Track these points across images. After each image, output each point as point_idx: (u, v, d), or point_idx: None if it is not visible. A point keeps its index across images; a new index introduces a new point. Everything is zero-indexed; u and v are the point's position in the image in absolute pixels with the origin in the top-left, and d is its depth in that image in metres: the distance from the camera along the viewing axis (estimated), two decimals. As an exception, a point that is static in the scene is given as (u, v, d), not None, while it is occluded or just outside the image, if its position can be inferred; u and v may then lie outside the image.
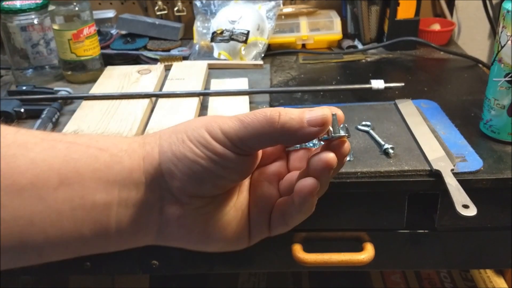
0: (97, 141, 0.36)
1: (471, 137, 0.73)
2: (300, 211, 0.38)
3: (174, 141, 0.36)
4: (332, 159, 0.36)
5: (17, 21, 0.93)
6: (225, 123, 0.36)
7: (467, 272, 1.12)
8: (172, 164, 0.35)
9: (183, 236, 0.38)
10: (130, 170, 0.35)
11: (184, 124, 0.37)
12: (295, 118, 0.35)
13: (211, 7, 1.11)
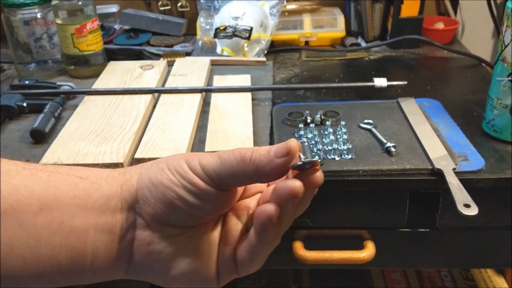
0: (77, 171, 0.37)
1: (473, 136, 0.73)
2: (262, 241, 0.37)
3: (153, 169, 0.37)
4: (298, 187, 0.35)
5: (20, 15, 0.93)
6: (204, 157, 0.37)
7: (468, 271, 1.12)
8: (147, 190, 0.36)
9: (151, 266, 0.38)
10: (108, 197, 0.36)
11: (165, 157, 0.38)
12: (263, 153, 0.35)
13: (214, 3, 1.11)
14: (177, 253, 0.38)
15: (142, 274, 0.38)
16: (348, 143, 0.69)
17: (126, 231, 0.37)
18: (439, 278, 1.12)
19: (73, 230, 0.35)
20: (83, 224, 0.35)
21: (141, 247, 0.37)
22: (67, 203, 0.35)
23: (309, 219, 0.71)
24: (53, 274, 0.35)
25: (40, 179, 0.35)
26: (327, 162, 0.66)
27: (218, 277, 0.39)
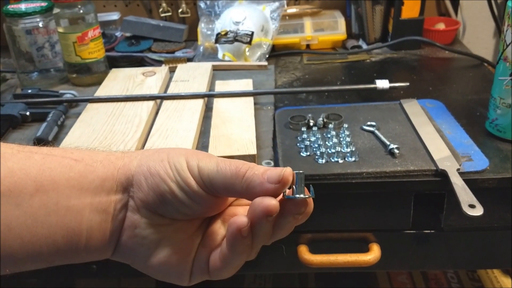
0: (72, 153, 0.38)
1: (476, 137, 0.72)
2: (232, 251, 0.37)
3: (154, 158, 0.38)
4: (272, 206, 0.35)
5: (22, 25, 0.93)
6: (203, 160, 0.38)
7: (474, 272, 1.11)
8: (144, 177, 0.37)
9: (134, 249, 0.39)
10: (103, 179, 0.37)
11: (168, 149, 0.40)
12: (258, 174, 0.36)
13: (215, 9, 1.11)
14: (160, 242, 0.39)
15: (125, 256, 0.40)
16: (351, 146, 0.69)
17: (119, 212, 0.38)
18: (446, 280, 1.11)
19: (68, 210, 0.36)
20: (78, 205, 0.36)
21: (129, 228, 0.38)
22: (62, 185, 0.36)
23: (313, 223, 0.71)
24: (50, 253, 0.36)
25: (35, 162, 0.36)
26: (330, 165, 0.66)
27: (190, 275, 0.40)
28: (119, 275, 0.77)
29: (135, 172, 0.38)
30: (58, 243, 0.36)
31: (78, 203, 0.36)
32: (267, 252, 0.74)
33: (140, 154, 0.39)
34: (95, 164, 0.38)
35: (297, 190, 0.36)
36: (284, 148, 0.71)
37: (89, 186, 0.37)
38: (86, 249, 0.37)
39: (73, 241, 0.36)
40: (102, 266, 0.76)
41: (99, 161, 0.38)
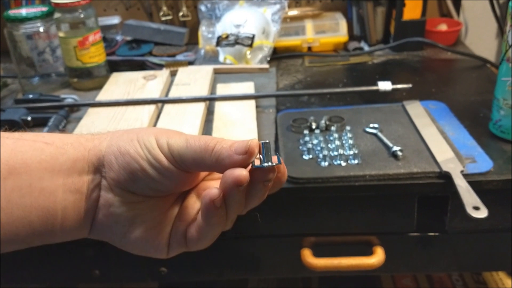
0: (43, 137, 0.39)
1: (480, 138, 0.72)
2: (207, 223, 0.39)
3: (123, 138, 0.39)
4: (242, 176, 0.36)
5: (23, 30, 0.93)
6: (173, 137, 0.39)
7: (479, 275, 1.11)
8: (114, 157, 0.39)
9: (110, 227, 0.40)
10: (74, 160, 0.38)
11: (138, 129, 0.41)
12: (226, 147, 0.38)
13: (216, 12, 1.11)
14: (135, 219, 0.40)
15: (102, 233, 0.41)
16: (354, 148, 0.68)
17: (92, 191, 0.39)
18: (450, 282, 1.11)
19: (42, 191, 0.37)
20: (51, 186, 0.37)
21: (103, 207, 0.39)
22: (35, 167, 0.37)
23: (317, 226, 0.70)
24: (27, 234, 0.37)
25: (7, 146, 0.37)
26: (333, 167, 0.66)
27: (168, 248, 0.42)
28: (121, 279, 0.77)
29: (106, 153, 0.39)
30: (34, 224, 0.37)
31: (51, 184, 0.37)
32: (270, 256, 0.74)
33: (110, 135, 0.40)
34: (66, 147, 0.39)
35: (264, 159, 0.37)
36: (286, 151, 0.71)
37: (60, 168, 0.38)
38: (62, 228, 0.38)
39: (49, 221, 0.37)
40: (104, 271, 0.76)
41: (69, 144, 0.39)
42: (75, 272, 0.77)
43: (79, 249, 0.74)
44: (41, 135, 0.39)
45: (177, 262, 0.74)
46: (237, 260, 0.75)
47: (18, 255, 0.75)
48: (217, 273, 0.76)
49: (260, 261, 0.75)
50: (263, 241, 0.73)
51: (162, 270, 0.75)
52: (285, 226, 0.71)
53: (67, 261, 0.76)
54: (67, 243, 0.73)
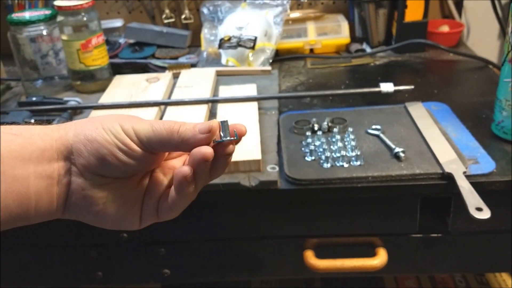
0: (11, 129, 0.42)
1: (483, 139, 0.72)
2: (180, 195, 0.44)
3: (88, 127, 0.42)
4: (208, 153, 0.42)
5: (26, 33, 0.94)
6: (137, 123, 0.43)
7: (482, 276, 1.11)
8: (82, 145, 0.42)
9: (84, 207, 0.44)
10: (43, 149, 0.41)
11: (100, 117, 0.44)
12: (189, 128, 0.42)
13: (218, 14, 1.11)
14: (107, 199, 0.44)
15: (76, 214, 0.45)
16: (357, 150, 0.69)
17: (63, 177, 0.42)
18: (453, 283, 1.10)
19: (15, 178, 0.40)
20: (23, 173, 0.40)
21: (76, 191, 0.43)
22: (6, 156, 0.40)
23: (319, 227, 0.70)
24: (5, 217, 0.40)
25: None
26: (336, 169, 0.66)
27: (140, 220, 0.46)
28: (124, 281, 0.77)
29: (73, 142, 0.42)
30: (11, 207, 0.40)
31: (22, 172, 0.40)
32: (273, 257, 0.74)
33: (73, 125, 0.44)
34: (33, 137, 0.42)
35: (224, 135, 0.43)
36: (289, 152, 0.71)
37: (30, 156, 0.41)
38: (36, 211, 0.42)
39: (24, 205, 0.41)
40: (107, 273, 0.76)
41: (36, 134, 0.42)
42: (78, 274, 0.77)
43: (82, 251, 0.74)
44: (9, 127, 0.42)
45: (180, 264, 0.75)
46: (239, 262, 0.75)
47: (20, 257, 0.75)
48: (220, 275, 0.76)
49: (263, 262, 0.75)
50: (266, 243, 0.73)
51: (165, 272, 0.75)
52: (288, 227, 0.71)
53: (70, 263, 0.76)
54: (69, 245, 0.74)
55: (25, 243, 0.74)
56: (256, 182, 0.65)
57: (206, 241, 0.73)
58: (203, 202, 0.69)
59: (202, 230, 0.72)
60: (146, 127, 0.42)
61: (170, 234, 0.72)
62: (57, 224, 0.71)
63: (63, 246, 0.75)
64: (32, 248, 0.75)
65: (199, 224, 0.71)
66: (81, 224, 0.72)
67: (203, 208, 0.70)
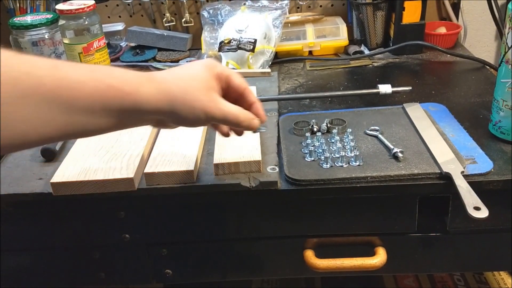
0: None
1: (480, 139, 0.73)
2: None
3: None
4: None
5: (28, 36, 0.95)
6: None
7: (481, 275, 1.11)
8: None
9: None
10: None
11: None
12: (247, 122, 0.57)
13: (218, 17, 1.12)
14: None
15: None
16: (355, 150, 0.69)
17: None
18: (452, 282, 1.11)
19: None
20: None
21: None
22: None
23: (319, 227, 0.71)
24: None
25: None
26: (335, 169, 0.67)
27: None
28: (126, 282, 0.78)
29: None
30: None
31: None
32: (273, 257, 0.75)
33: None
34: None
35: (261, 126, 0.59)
36: (288, 153, 0.71)
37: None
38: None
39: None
40: (110, 274, 0.76)
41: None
42: (80, 275, 0.78)
43: (85, 252, 0.75)
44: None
45: (182, 264, 0.75)
46: (240, 262, 0.76)
47: (22, 258, 0.76)
48: (221, 275, 0.77)
49: (263, 262, 0.76)
50: (266, 243, 0.74)
51: (167, 272, 0.76)
52: (288, 227, 0.71)
53: (73, 264, 0.77)
54: (72, 246, 0.74)
55: (27, 244, 0.74)
56: (257, 183, 0.66)
57: (207, 242, 0.74)
58: (204, 203, 0.70)
59: (203, 230, 0.73)
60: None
61: (172, 235, 0.73)
62: (59, 225, 0.72)
63: (65, 248, 0.75)
64: (34, 249, 0.75)
65: (200, 224, 0.72)
66: (84, 225, 0.73)
67: (204, 209, 0.71)
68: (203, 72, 0.54)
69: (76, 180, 0.66)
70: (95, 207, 0.70)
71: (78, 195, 0.66)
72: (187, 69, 0.54)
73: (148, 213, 0.71)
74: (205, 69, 0.54)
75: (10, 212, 0.69)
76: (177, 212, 0.71)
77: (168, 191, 0.67)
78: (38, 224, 0.72)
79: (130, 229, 0.72)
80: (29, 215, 0.72)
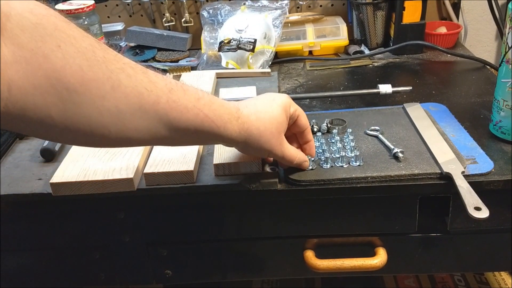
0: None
1: (481, 139, 0.73)
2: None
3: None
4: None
5: (28, 37, 0.94)
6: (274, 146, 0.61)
7: (482, 275, 1.11)
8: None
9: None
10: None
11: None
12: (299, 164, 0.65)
13: (218, 17, 1.12)
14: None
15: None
16: (356, 150, 0.69)
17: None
18: (453, 282, 1.11)
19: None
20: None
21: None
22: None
23: (319, 228, 0.71)
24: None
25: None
26: (335, 169, 0.67)
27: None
28: (126, 282, 0.78)
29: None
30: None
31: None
32: (273, 257, 0.75)
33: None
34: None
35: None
36: (289, 154, 0.71)
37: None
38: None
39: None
40: (110, 274, 0.76)
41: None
42: (80, 276, 0.77)
43: (85, 253, 0.75)
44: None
45: (181, 265, 0.75)
46: (240, 262, 0.76)
47: (22, 258, 0.76)
48: (221, 275, 0.77)
49: (263, 262, 0.76)
50: (266, 243, 0.73)
51: (167, 273, 0.75)
52: (288, 227, 0.71)
53: (73, 264, 0.76)
54: (72, 247, 0.74)
55: (27, 244, 0.74)
56: (257, 183, 0.66)
57: (207, 242, 0.74)
58: (204, 203, 0.69)
59: (203, 231, 0.72)
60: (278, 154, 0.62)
61: (172, 235, 0.73)
62: (59, 225, 0.72)
63: (65, 248, 0.75)
64: (34, 250, 0.75)
65: (200, 225, 0.72)
66: (84, 226, 0.73)
67: (204, 209, 0.70)
68: (280, 116, 0.60)
69: (76, 180, 0.66)
70: (95, 208, 0.70)
71: (78, 196, 0.66)
72: (267, 108, 0.59)
73: (148, 213, 0.71)
74: (282, 111, 0.60)
75: (10, 212, 0.69)
76: (177, 212, 0.71)
77: (167, 191, 0.66)
78: (38, 224, 0.72)
79: (130, 229, 0.72)
80: (29, 216, 0.71)
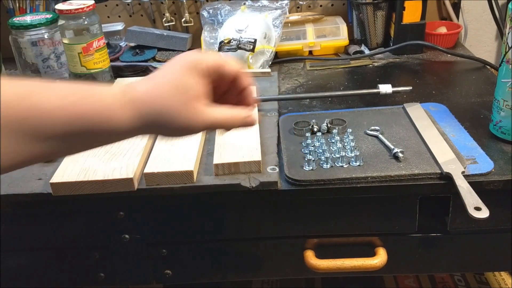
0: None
1: (481, 139, 0.73)
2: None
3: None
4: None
5: (27, 36, 0.94)
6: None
7: (482, 275, 1.11)
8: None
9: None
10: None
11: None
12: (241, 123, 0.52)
13: (218, 17, 1.12)
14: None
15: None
16: (356, 150, 0.69)
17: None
18: (453, 282, 1.11)
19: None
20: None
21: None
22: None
23: (319, 228, 0.71)
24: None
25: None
26: (335, 169, 0.67)
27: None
28: (126, 282, 0.78)
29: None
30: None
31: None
32: (273, 258, 0.75)
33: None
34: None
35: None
36: (288, 153, 0.71)
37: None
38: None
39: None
40: (110, 274, 0.76)
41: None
42: (80, 275, 0.77)
43: (85, 253, 0.75)
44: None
45: (181, 265, 0.75)
46: (240, 262, 0.76)
47: (22, 258, 0.76)
48: (221, 275, 0.77)
49: (264, 262, 0.76)
50: (266, 243, 0.73)
51: (166, 273, 0.75)
52: (288, 227, 0.71)
53: (73, 264, 0.76)
54: (72, 247, 0.74)
55: (27, 245, 0.74)
56: (257, 183, 0.66)
57: (207, 242, 0.74)
58: (204, 203, 0.69)
59: (203, 231, 0.72)
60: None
61: (172, 235, 0.73)
62: (59, 225, 0.72)
63: (65, 248, 0.75)
64: (34, 249, 0.75)
65: (200, 225, 0.72)
66: (84, 225, 0.73)
67: (204, 209, 0.70)
68: (187, 79, 0.47)
69: (76, 180, 0.66)
70: (95, 207, 0.70)
71: (78, 195, 0.66)
72: (169, 76, 0.47)
73: (148, 213, 0.71)
74: (188, 73, 0.47)
75: (10, 213, 0.69)
76: (177, 212, 0.71)
77: (168, 191, 0.66)
78: (38, 224, 0.72)
79: (130, 229, 0.72)
80: (29, 216, 0.72)
